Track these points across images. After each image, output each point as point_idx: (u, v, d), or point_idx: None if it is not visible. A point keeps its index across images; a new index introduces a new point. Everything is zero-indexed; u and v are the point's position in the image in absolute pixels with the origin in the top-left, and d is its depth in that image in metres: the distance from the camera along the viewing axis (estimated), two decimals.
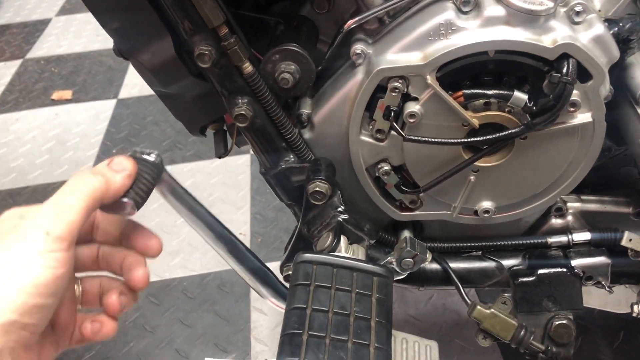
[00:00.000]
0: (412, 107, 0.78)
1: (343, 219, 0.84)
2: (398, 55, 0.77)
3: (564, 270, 0.89)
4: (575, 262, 0.90)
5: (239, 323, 1.44)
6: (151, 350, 1.40)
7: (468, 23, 0.74)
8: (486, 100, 0.78)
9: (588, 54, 0.73)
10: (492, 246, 0.95)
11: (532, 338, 0.87)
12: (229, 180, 1.89)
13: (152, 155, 0.65)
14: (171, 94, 0.89)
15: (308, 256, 0.74)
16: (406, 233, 0.94)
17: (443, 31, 0.75)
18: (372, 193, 0.89)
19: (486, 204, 0.88)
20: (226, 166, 1.93)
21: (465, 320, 1.40)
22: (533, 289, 0.89)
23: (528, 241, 0.94)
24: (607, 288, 0.90)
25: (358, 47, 0.80)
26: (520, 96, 0.76)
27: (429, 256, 0.86)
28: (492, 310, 0.87)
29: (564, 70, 0.72)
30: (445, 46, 0.75)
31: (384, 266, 0.76)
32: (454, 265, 0.95)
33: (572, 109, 0.77)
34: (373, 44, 0.81)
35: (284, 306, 0.93)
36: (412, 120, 0.79)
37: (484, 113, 0.79)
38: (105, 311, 0.63)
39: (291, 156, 0.88)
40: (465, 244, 0.96)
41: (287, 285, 0.93)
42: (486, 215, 0.89)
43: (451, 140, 0.80)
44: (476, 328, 0.91)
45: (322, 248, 0.81)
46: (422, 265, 0.93)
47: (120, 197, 0.59)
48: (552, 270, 0.90)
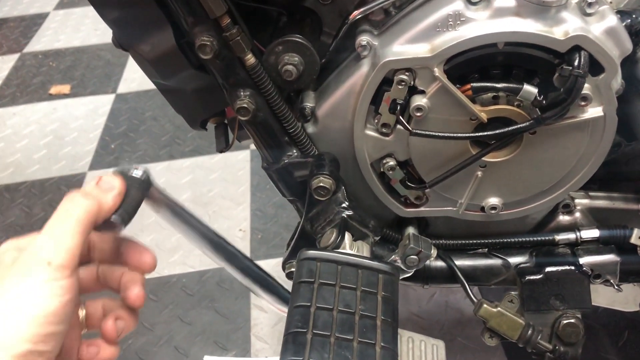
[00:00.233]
0: (419, 101, 0.76)
1: (347, 215, 0.82)
2: (405, 47, 0.75)
3: (572, 268, 0.88)
4: (583, 260, 0.88)
5: (239, 320, 1.43)
6: (150, 347, 1.39)
7: (477, 14, 0.73)
8: (495, 93, 0.76)
9: (600, 47, 0.71)
10: (499, 243, 0.93)
11: (540, 337, 0.85)
12: (229, 176, 1.87)
13: (139, 171, 0.66)
14: (171, 87, 0.87)
15: (312, 253, 0.72)
16: (411, 230, 0.92)
17: (451, 22, 0.73)
18: (377, 189, 0.87)
19: (493, 200, 0.86)
20: (226, 162, 1.92)
21: (467, 318, 1.38)
22: (540, 287, 0.88)
23: (535, 238, 0.92)
24: (616, 286, 0.88)
25: (363, 39, 0.78)
26: (529, 89, 0.75)
27: (434, 252, 0.84)
28: (499, 308, 0.86)
29: (576, 63, 0.71)
30: (453, 38, 0.73)
31: (390, 263, 0.74)
32: (460, 262, 0.93)
33: (583, 103, 0.75)
34: (379, 36, 0.79)
35: (284, 309, 0.91)
36: (419, 114, 0.77)
37: (493, 107, 0.77)
38: (102, 336, 0.64)
39: (294, 151, 0.87)
40: (471, 241, 0.94)
41: (289, 282, 0.92)
42: (493, 211, 0.87)
43: (459, 134, 0.78)
44: (480, 326, 0.89)
45: (326, 245, 0.80)
46: (427, 262, 0.91)
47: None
48: (560, 268, 0.88)
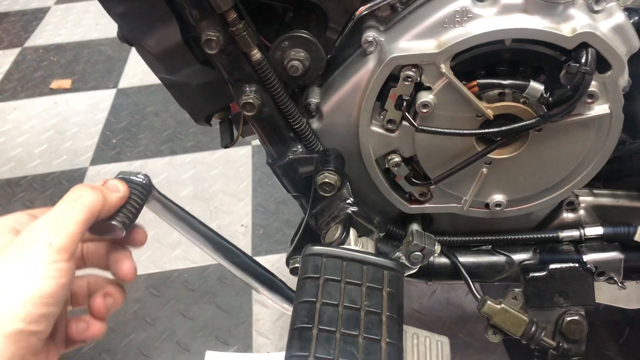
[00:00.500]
0: (425, 97, 0.76)
1: (352, 211, 0.82)
2: (411, 43, 0.75)
3: (576, 265, 0.88)
4: (587, 257, 0.88)
5: (241, 316, 1.43)
6: (152, 342, 1.39)
7: (484, 10, 0.72)
8: (501, 90, 0.76)
9: (608, 44, 0.71)
10: (503, 240, 0.94)
11: (543, 334, 0.85)
12: (230, 171, 1.87)
13: (140, 176, 0.68)
14: (176, 82, 0.87)
15: (317, 249, 0.72)
16: (415, 226, 0.92)
17: (458, 19, 0.73)
18: (382, 185, 0.87)
19: (498, 197, 0.86)
20: (227, 157, 1.91)
21: (469, 315, 1.39)
22: (544, 284, 0.88)
23: (539, 235, 0.92)
24: (620, 284, 0.88)
25: (370, 35, 0.78)
26: (536, 86, 0.75)
27: (438, 249, 0.84)
28: (503, 305, 0.85)
29: (583, 60, 0.70)
30: (460, 34, 0.73)
31: (395, 260, 0.74)
32: (463, 259, 0.93)
33: (590, 101, 0.75)
34: (385, 32, 0.79)
35: (289, 307, 0.91)
36: (425, 110, 0.77)
37: (499, 104, 0.77)
38: (90, 313, 0.64)
39: (299, 146, 0.86)
40: (474, 238, 0.94)
41: (293, 288, 0.92)
42: (498, 208, 0.87)
43: (464, 131, 0.78)
44: (481, 323, 0.89)
45: (331, 241, 0.80)
46: (431, 259, 0.91)
47: (109, 221, 0.62)
48: (564, 265, 0.88)
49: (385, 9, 0.79)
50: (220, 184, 1.82)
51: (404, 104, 0.78)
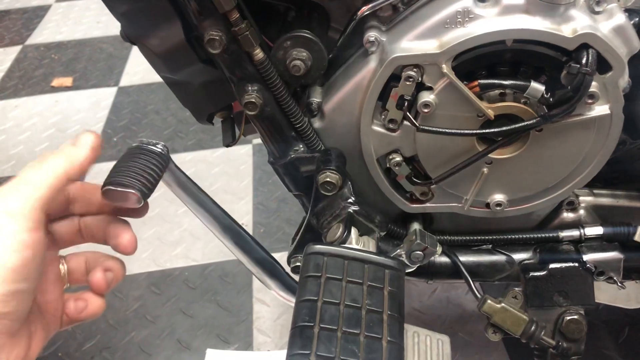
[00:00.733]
0: (427, 97, 0.77)
1: (354, 210, 0.83)
2: (413, 43, 0.76)
3: (576, 265, 0.88)
4: (587, 257, 0.89)
5: (241, 314, 1.43)
6: (152, 340, 1.39)
7: (486, 11, 0.73)
8: (502, 90, 0.77)
9: (608, 45, 0.71)
10: (503, 240, 0.94)
11: (543, 333, 0.86)
12: (231, 170, 1.87)
13: (159, 145, 0.66)
14: (179, 81, 0.87)
15: (319, 247, 0.72)
16: (416, 225, 0.93)
17: (460, 19, 0.73)
18: (382, 184, 0.88)
19: (498, 197, 0.87)
20: (228, 156, 1.92)
21: (469, 314, 1.39)
22: (544, 284, 0.88)
23: (539, 235, 0.93)
24: (619, 283, 0.89)
25: (371, 35, 0.78)
26: (537, 87, 0.75)
27: (439, 249, 0.84)
28: (503, 304, 0.86)
29: (583, 60, 0.71)
30: (462, 34, 0.73)
31: (396, 259, 0.75)
32: (464, 258, 0.94)
33: (590, 101, 0.75)
34: (387, 32, 0.79)
35: (291, 298, 0.92)
36: (426, 110, 0.77)
37: (500, 104, 0.77)
38: (91, 289, 0.61)
39: (301, 146, 0.87)
40: (475, 237, 0.94)
41: (294, 276, 0.92)
42: (498, 208, 0.87)
43: (465, 131, 0.78)
44: (481, 322, 0.90)
45: (332, 239, 0.80)
46: (432, 258, 0.91)
47: (126, 189, 0.59)
48: (564, 264, 0.88)
49: (387, 9, 0.80)
50: (221, 183, 1.82)
51: (406, 104, 0.78)
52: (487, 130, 0.78)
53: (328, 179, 0.81)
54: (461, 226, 0.95)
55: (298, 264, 0.90)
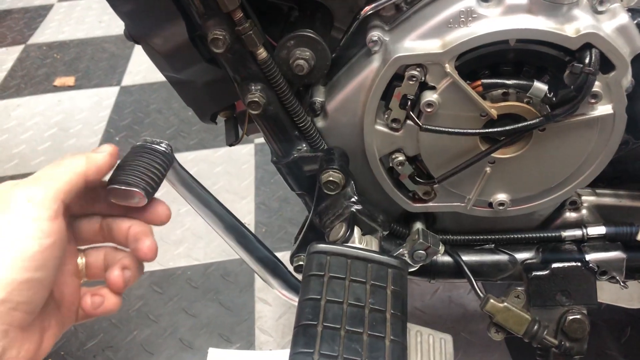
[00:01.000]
0: (430, 96, 0.77)
1: (356, 210, 0.83)
2: (416, 42, 0.76)
3: (578, 264, 0.88)
4: (589, 257, 0.89)
5: (243, 313, 1.43)
6: (155, 339, 1.39)
7: (489, 11, 0.73)
8: (505, 90, 0.77)
9: (611, 44, 0.71)
10: (505, 239, 0.94)
11: (546, 332, 0.86)
12: (233, 169, 1.88)
13: (163, 144, 0.66)
14: (182, 80, 0.87)
15: (322, 247, 0.73)
16: (418, 225, 0.93)
17: (463, 19, 0.73)
18: (385, 184, 0.88)
19: (501, 197, 0.87)
20: (230, 155, 1.92)
21: (471, 313, 1.39)
22: (546, 283, 0.88)
23: (542, 235, 0.93)
24: (622, 283, 0.89)
25: (374, 34, 0.79)
26: (540, 87, 0.75)
27: (442, 249, 0.84)
28: (506, 304, 0.86)
29: (587, 60, 0.71)
30: (465, 34, 0.73)
31: (399, 258, 0.75)
32: (466, 258, 0.94)
33: (593, 101, 0.75)
34: (390, 31, 0.79)
35: (293, 297, 0.93)
36: (430, 109, 0.77)
37: (503, 103, 0.77)
38: (108, 287, 0.61)
39: (304, 145, 0.87)
40: (478, 237, 0.94)
41: (297, 275, 0.93)
42: (501, 207, 0.87)
43: (468, 130, 0.79)
44: (483, 321, 0.90)
45: (335, 239, 0.80)
46: (434, 257, 0.92)
47: (129, 187, 0.60)
48: (566, 264, 0.88)
49: (390, 9, 0.80)
50: (223, 182, 1.82)
51: (409, 103, 0.78)
52: (490, 129, 0.78)
53: (331, 178, 0.82)
54: (464, 225, 0.95)
55: (301, 263, 0.90)
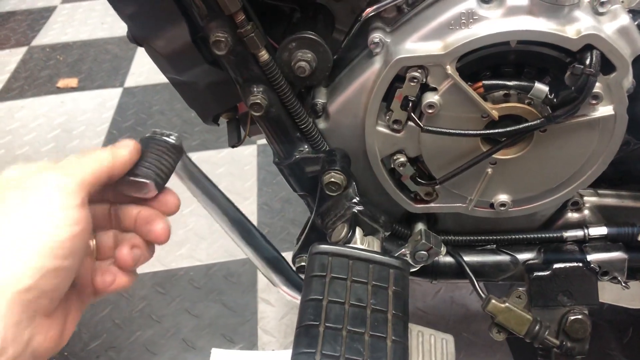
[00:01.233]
0: (431, 98, 0.77)
1: (358, 211, 0.83)
2: (417, 44, 0.76)
3: (580, 265, 0.88)
4: (591, 257, 0.89)
5: (246, 314, 1.44)
6: (157, 340, 1.40)
7: (490, 12, 0.73)
8: (506, 91, 0.77)
9: (612, 46, 0.71)
10: (507, 240, 0.94)
11: (547, 333, 0.86)
12: (236, 170, 1.88)
13: (172, 137, 0.65)
14: (185, 82, 0.87)
15: (324, 247, 0.73)
16: (420, 225, 0.93)
17: (464, 20, 0.74)
18: (387, 185, 0.88)
19: (503, 197, 0.87)
20: (233, 156, 1.92)
21: (473, 314, 1.39)
22: (548, 284, 0.88)
23: (543, 235, 0.93)
24: (623, 283, 0.89)
25: (376, 36, 0.79)
26: (541, 88, 0.75)
27: (444, 250, 0.85)
28: (507, 304, 0.86)
29: (587, 61, 0.71)
30: (466, 36, 0.73)
31: (401, 258, 0.75)
32: (468, 258, 0.94)
33: (594, 102, 0.75)
34: (391, 33, 0.80)
35: (296, 295, 0.93)
36: (431, 110, 0.77)
37: (504, 104, 0.78)
38: (117, 264, 0.61)
39: (306, 146, 0.87)
40: (479, 237, 0.95)
41: (301, 275, 0.93)
42: (502, 208, 0.88)
43: (470, 131, 0.79)
44: (485, 322, 0.90)
45: (337, 239, 0.80)
46: (436, 258, 0.92)
47: (140, 178, 0.60)
48: (568, 264, 0.89)
49: (391, 11, 0.80)
50: (225, 183, 1.83)
51: (410, 105, 0.78)
52: (491, 130, 0.79)
53: (333, 180, 0.82)
54: (465, 226, 0.95)
55: (303, 264, 0.90)
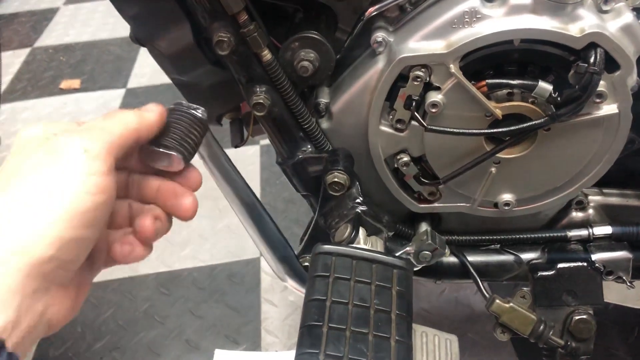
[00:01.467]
0: (434, 97, 0.77)
1: (362, 211, 0.83)
2: (420, 43, 0.76)
3: (584, 264, 0.88)
4: (595, 257, 0.89)
5: (249, 314, 1.44)
6: (161, 340, 1.40)
7: (493, 11, 0.73)
8: (510, 90, 0.77)
9: (616, 44, 0.71)
10: (511, 239, 0.94)
11: (552, 333, 0.86)
12: (239, 170, 1.87)
13: (199, 110, 0.63)
14: (188, 82, 0.88)
15: (327, 247, 0.73)
16: (424, 225, 0.93)
17: (467, 19, 0.73)
18: (391, 184, 0.88)
19: (507, 197, 0.87)
20: (236, 156, 1.89)
21: (477, 314, 1.39)
22: (552, 283, 0.88)
23: (548, 235, 0.92)
24: (628, 283, 0.89)
25: (379, 35, 0.79)
26: (544, 86, 0.75)
27: (447, 250, 0.85)
28: (511, 304, 0.86)
29: (591, 60, 0.71)
30: (469, 34, 0.73)
31: (404, 259, 0.75)
32: (472, 258, 0.94)
33: (598, 100, 0.75)
34: (394, 32, 0.80)
35: (298, 287, 0.92)
36: (434, 110, 0.77)
37: (507, 103, 0.77)
38: (137, 234, 0.58)
39: (309, 146, 0.87)
40: (483, 237, 0.94)
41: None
42: (506, 207, 0.87)
43: (473, 130, 0.78)
44: (490, 322, 0.90)
45: (340, 239, 0.80)
46: (440, 258, 0.92)
47: (167, 150, 0.58)
48: (572, 264, 0.88)
49: (394, 10, 0.80)
50: None
51: (413, 104, 0.78)
52: (495, 129, 0.78)
53: (336, 180, 0.82)
54: (469, 226, 0.95)
55: (307, 264, 0.90)
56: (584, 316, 0.87)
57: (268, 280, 1.51)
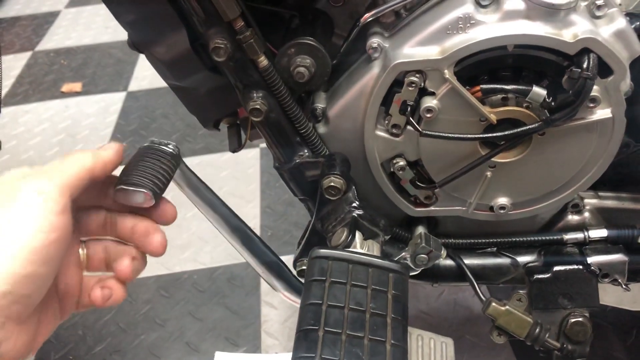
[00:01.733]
0: (429, 102, 0.77)
1: (358, 215, 0.83)
2: (415, 49, 0.76)
3: (580, 267, 0.88)
4: (591, 259, 0.89)
5: (250, 317, 1.44)
6: (161, 343, 1.41)
7: (487, 17, 0.73)
8: (504, 95, 0.77)
9: (609, 49, 0.72)
10: (507, 242, 0.94)
11: (548, 335, 0.86)
12: (239, 173, 1.89)
13: (170, 146, 0.66)
14: (185, 88, 0.88)
15: (323, 252, 0.73)
16: (420, 229, 0.93)
17: (461, 25, 0.74)
18: (387, 188, 0.88)
19: (502, 200, 0.87)
20: (236, 160, 1.93)
21: (476, 316, 1.39)
22: (548, 286, 0.89)
23: (544, 238, 0.93)
24: (624, 286, 0.89)
25: (374, 41, 0.79)
26: (538, 91, 0.76)
27: (444, 253, 0.85)
28: (507, 307, 0.86)
29: (585, 65, 0.71)
30: (463, 40, 0.74)
31: (400, 262, 0.76)
32: (469, 261, 0.94)
33: (592, 105, 0.76)
34: (389, 38, 0.80)
35: (297, 300, 0.93)
36: (429, 115, 0.78)
37: (502, 108, 0.78)
38: (115, 276, 0.61)
39: (305, 151, 0.88)
40: (479, 240, 0.95)
41: (301, 279, 0.93)
42: (502, 211, 0.88)
43: (468, 135, 0.79)
44: (488, 324, 0.90)
45: (337, 244, 0.81)
46: (437, 261, 0.92)
47: (137, 188, 0.60)
48: (568, 267, 0.89)
49: (389, 16, 0.81)
50: (228, 186, 1.83)
51: (408, 109, 0.79)
52: (490, 134, 0.79)
53: (332, 184, 0.82)
54: (466, 229, 0.95)
55: (303, 268, 0.91)
56: (580, 319, 0.88)
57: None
